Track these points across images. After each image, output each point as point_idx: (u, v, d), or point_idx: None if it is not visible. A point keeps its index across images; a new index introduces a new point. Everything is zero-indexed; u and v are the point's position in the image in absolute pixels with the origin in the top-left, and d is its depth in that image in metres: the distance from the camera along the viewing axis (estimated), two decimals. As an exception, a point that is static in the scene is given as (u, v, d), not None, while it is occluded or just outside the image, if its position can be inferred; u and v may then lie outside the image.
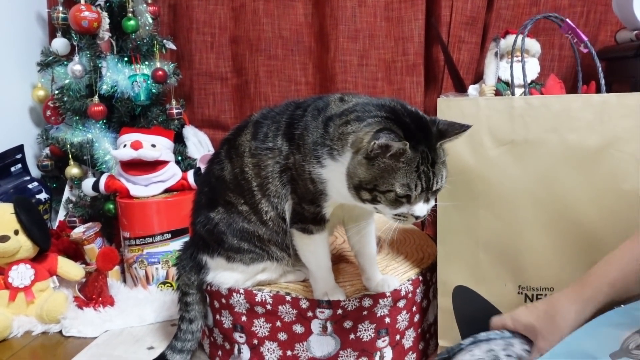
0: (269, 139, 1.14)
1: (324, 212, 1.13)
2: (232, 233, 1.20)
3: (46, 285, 1.63)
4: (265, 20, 2.12)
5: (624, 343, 0.88)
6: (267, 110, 1.21)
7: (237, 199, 1.19)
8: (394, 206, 0.98)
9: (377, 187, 0.96)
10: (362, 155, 0.96)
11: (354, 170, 0.98)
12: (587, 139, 1.12)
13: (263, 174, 1.15)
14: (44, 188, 1.96)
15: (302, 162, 1.08)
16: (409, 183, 0.95)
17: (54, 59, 1.99)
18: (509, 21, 2.02)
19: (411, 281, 1.28)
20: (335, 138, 1.02)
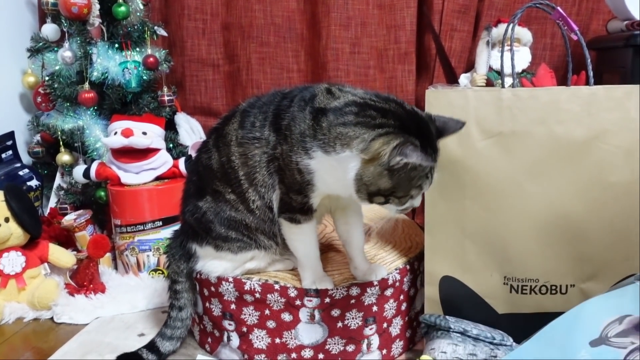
0: (255, 129, 1.15)
1: (311, 202, 1.14)
2: (220, 222, 1.21)
3: (37, 272, 1.64)
4: (257, 7, 2.10)
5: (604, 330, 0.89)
6: (255, 99, 1.22)
7: (224, 187, 1.20)
8: (403, 203, 1.04)
9: (394, 194, 1.01)
10: (383, 167, 0.97)
11: (372, 179, 0.99)
12: (574, 131, 1.13)
13: (250, 163, 1.15)
14: (34, 175, 1.96)
15: (290, 153, 1.08)
16: (421, 184, 1.02)
17: (44, 45, 1.98)
18: (501, 9, 2.01)
19: (399, 270, 1.29)
20: (331, 137, 1.02)
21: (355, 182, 1.01)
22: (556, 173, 1.15)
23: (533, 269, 1.19)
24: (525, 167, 1.16)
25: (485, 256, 1.21)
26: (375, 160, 0.98)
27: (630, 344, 0.85)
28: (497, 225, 1.19)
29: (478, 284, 1.22)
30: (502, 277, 1.20)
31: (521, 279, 1.19)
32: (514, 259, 1.19)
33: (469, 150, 1.18)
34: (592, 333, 0.90)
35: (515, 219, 1.18)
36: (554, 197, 1.16)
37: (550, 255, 1.18)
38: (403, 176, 0.99)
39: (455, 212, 1.21)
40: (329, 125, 1.03)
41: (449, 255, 1.23)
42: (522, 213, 1.17)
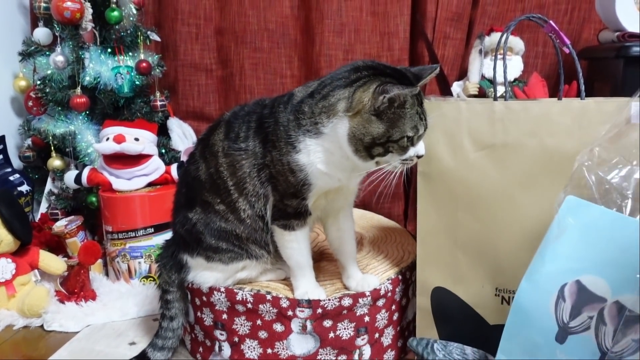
0: (240, 139, 1.16)
1: (307, 203, 1.15)
2: (210, 233, 1.21)
3: (27, 279, 1.63)
4: (251, 12, 2.10)
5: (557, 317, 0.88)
6: (238, 109, 1.24)
7: (213, 198, 1.20)
8: (404, 151, 1.05)
9: (390, 138, 1.02)
10: (369, 114, 1.01)
11: (363, 130, 1.02)
12: (566, 144, 1.13)
13: (239, 174, 1.16)
14: (25, 180, 1.95)
15: (279, 157, 1.10)
16: (416, 125, 1.04)
17: (36, 48, 1.97)
18: (494, 17, 2.02)
19: (391, 280, 1.29)
20: (316, 114, 1.07)
21: (350, 143, 1.04)
22: (548, 185, 1.15)
23: (524, 280, 1.19)
24: (517, 179, 1.16)
25: (476, 267, 1.21)
26: (361, 111, 1.02)
27: (588, 319, 0.83)
28: (488, 236, 1.19)
29: (469, 295, 1.22)
30: (494, 288, 1.20)
31: (513, 290, 1.19)
32: (505, 270, 1.19)
33: (462, 162, 1.18)
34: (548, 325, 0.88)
35: (507, 230, 1.18)
36: (545, 208, 1.16)
37: (542, 266, 1.18)
38: (392, 116, 1.01)
39: (447, 222, 1.22)
40: (311, 107, 1.08)
41: (440, 265, 1.24)
42: (513, 224, 1.18)
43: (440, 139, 1.19)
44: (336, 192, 1.19)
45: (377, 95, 1.00)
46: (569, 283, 0.87)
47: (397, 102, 1.01)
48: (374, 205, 2.07)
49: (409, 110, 1.02)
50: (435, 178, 1.21)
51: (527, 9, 2.01)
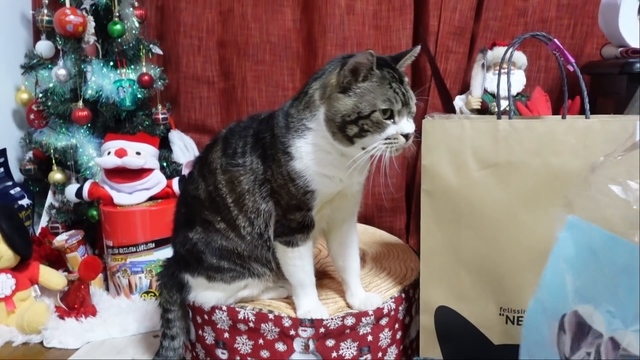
0: (238, 155, 1.16)
1: (312, 213, 1.14)
2: (211, 252, 1.20)
3: (27, 295, 1.62)
4: (254, 25, 2.10)
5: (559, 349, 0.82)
6: (234, 125, 1.25)
7: (213, 216, 1.19)
8: (382, 129, 1.03)
9: (360, 114, 1.01)
10: (336, 92, 1.03)
11: (334, 110, 1.03)
12: (571, 163, 1.12)
13: (238, 190, 1.16)
14: (26, 193, 1.94)
15: (279, 169, 1.10)
16: (388, 97, 1.02)
17: (38, 62, 1.97)
18: (497, 32, 2.02)
19: (394, 299, 1.28)
20: (301, 111, 1.09)
21: (327, 128, 1.05)
22: (552, 204, 1.13)
23: (529, 300, 1.18)
24: (521, 198, 1.15)
25: (480, 286, 1.20)
26: (332, 93, 1.04)
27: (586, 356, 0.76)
28: (492, 255, 1.18)
29: (474, 314, 1.21)
30: (498, 307, 1.19)
31: (517, 310, 1.18)
32: (509, 289, 1.18)
33: (465, 180, 1.17)
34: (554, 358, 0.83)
35: (510, 249, 1.17)
36: (549, 227, 1.14)
37: (546, 286, 1.17)
38: (359, 90, 1.02)
39: (450, 240, 1.21)
40: (297, 107, 1.10)
41: (444, 284, 1.22)
42: (517, 243, 1.17)
43: (444, 156, 1.18)
44: (340, 198, 1.18)
45: (340, 71, 1.02)
46: (568, 313, 0.82)
47: (361, 75, 1.01)
48: (375, 219, 2.07)
49: (377, 84, 1.02)
50: (439, 196, 1.20)
51: (530, 24, 2.01)
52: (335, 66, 1.07)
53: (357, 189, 1.20)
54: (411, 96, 1.07)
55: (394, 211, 2.08)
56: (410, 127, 1.06)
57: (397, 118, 1.04)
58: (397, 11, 2.00)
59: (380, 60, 1.05)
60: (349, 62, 1.01)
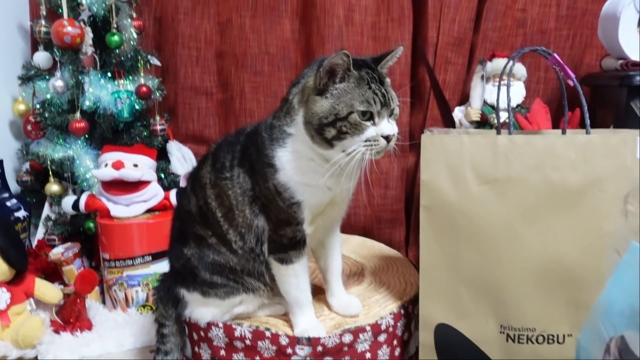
0: (226, 169, 1.16)
1: (303, 228, 1.13)
2: (204, 267, 1.19)
3: (22, 308, 1.60)
4: (252, 36, 2.09)
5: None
6: (223, 140, 1.25)
7: (205, 231, 1.19)
8: (361, 131, 1.01)
9: (338, 116, 1.00)
10: (314, 94, 1.02)
11: (311, 112, 1.02)
12: (570, 178, 1.12)
13: (227, 204, 1.15)
14: (22, 205, 1.92)
15: (265, 183, 1.10)
16: (367, 99, 1.00)
17: (36, 73, 1.96)
18: (496, 42, 2.01)
19: (393, 315, 1.27)
20: (281, 118, 1.09)
21: (306, 131, 1.04)
22: (551, 219, 1.14)
23: (529, 317, 1.16)
24: (521, 213, 1.14)
25: (480, 302, 1.18)
26: (309, 96, 1.03)
27: None
28: (492, 271, 1.17)
29: (474, 331, 1.19)
30: (498, 325, 1.17)
31: (517, 327, 1.16)
32: (509, 306, 1.17)
33: (465, 195, 1.16)
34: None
35: (510, 265, 1.16)
36: (549, 243, 1.14)
37: (547, 302, 1.15)
38: (335, 92, 1.01)
39: (450, 256, 1.19)
40: (278, 116, 1.10)
41: (443, 300, 1.21)
42: (517, 259, 1.15)
43: (443, 172, 1.17)
44: (332, 207, 1.17)
45: (317, 73, 1.01)
46: (615, 338, 0.81)
47: (337, 76, 1.01)
48: (374, 230, 2.06)
49: (355, 86, 1.01)
50: (438, 211, 1.19)
51: (529, 34, 2.00)
52: (312, 69, 1.07)
53: (346, 195, 1.19)
54: (392, 97, 1.06)
55: (393, 223, 2.06)
56: (390, 128, 1.04)
57: (377, 119, 1.03)
58: (395, 22, 2.00)
59: (359, 61, 1.04)
60: (324, 63, 1.00)
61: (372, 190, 2.03)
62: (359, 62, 1.04)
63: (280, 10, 2.07)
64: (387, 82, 1.08)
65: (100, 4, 1.91)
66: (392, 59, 1.11)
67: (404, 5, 1.97)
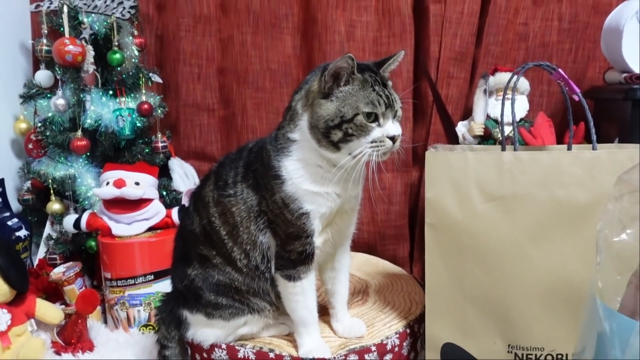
0: (229, 186, 1.15)
1: (312, 240, 1.11)
2: (209, 288, 1.17)
3: (23, 330, 1.58)
4: (253, 53, 2.09)
5: None
6: (224, 158, 1.25)
7: (209, 251, 1.18)
8: (367, 132, 1.02)
9: (344, 118, 1.01)
10: (319, 98, 1.03)
11: (316, 116, 1.03)
12: (577, 195, 1.10)
13: (231, 222, 1.14)
14: (24, 224, 1.91)
15: (272, 197, 1.09)
16: (371, 100, 1.01)
17: (37, 91, 1.95)
18: (498, 57, 2.01)
19: (398, 334, 1.25)
20: (285, 127, 1.10)
21: (312, 135, 1.05)
22: (559, 237, 1.12)
23: (538, 336, 1.14)
24: (528, 231, 1.12)
25: (487, 321, 1.16)
26: (314, 100, 1.04)
27: None
28: (498, 290, 1.15)
29: (481, 351, 1.17)
30: (506, 344, 1.15)
31: (525, 347, 1.14)
32: (517, 326, 1.15)
33: (470, 213, 1.15)
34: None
35: (517, 284, 1.14)
36: (557, 261, 1.12)
37: (555, 321, 1.13)
38: (340, 94, 1.02)
39: (455, 275, 1.18)
40: (282, 125, 1.12)
41: (450, 320, 1.19)
42: (524, 278, 1.14)
43: (447, 189, 1.16)
44: (340, 218, 1.16)
45: (322, 77, 1.03)
46: None
47: (342, 79, 1.02)
48: (378, 247, 2.04)
49: (359, 88, 1.02)
50: (443, 229, 1.18)
51: (531, 48, 2.00)
52: (316, 74, 1.08)
53: (354, 203, 1.18)
54: (395, 99, 1.08)
55: (397, 239, 2.04)
56: (395, 129, 1.05)
57: (382, 120, 1.04)
58: (397, 37, 1.99)
59: (362, 65, 1.06)
60: (329, 67, 1.01)
61: (375, 206, 2.02)
62: (362, 66, 1.06)
63: (281, 26, 2.07)
64: (389, 84, 1.10)
65: (102, 22, 1.91)
66: (393, 62, 1.12)
67: (405, 20, 1.97)
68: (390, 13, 1.99)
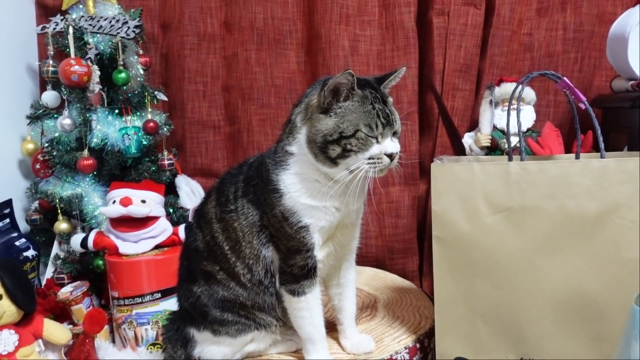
0: (230, 202, 1.15)
1: (313, 254, 1.10)
2: (215, 305, 1.17)
3: (31, 350, 1.57)
4: (258, 69, 2.10)
5: None
6: (226, 174, 1.25)
7: (212, 267, 1.17)
8: (365, 147, 1.01)
9: (343, 134, 1.00)
10: (318, 112, 1.02)
11: (315, 130, 1.02)
12: (587, 206, 1.09)
13: (234, 237, 1.14)
14: (31, 244, 1.91)
15: (272, 211, 1.09)
16: (369, 122, 1.01)
17: (44, 112, 1.97)
18: (503, 67, 2.00)
19: (408, 349, 1.23)
20: (284, 140, 1.10)
21: (309, 149, 1.04)
22: (570, 249, 1.10)
23: (550, 350, 1.12)
24: (537, 243, 1.11)
25: (498, 337, 1.14)
26: (313, 114, 1.03)
27: None
28: (509, 304, 1.13)
29: (493, 366, 1.15)
30: (519, 359, 1.13)
31: (538, 361, 1.12)
32: (529, 340, 1.13)
33: (478, 226, 1.14)
34: None
35: (528, 297, 1.12)
36: (568, 274, 1.10)
37: (568, 335, 1.11)
38: (339, 110, 1.01)
39: (465, 290, 1.16)
40: (281, 139, 1.12)
41: (460, 335, 1.17)
42: (535, 291, 1.12)
43: (455, 202, 1.15)
44: (341, 232, 1.15)
45: (321, 92, 1.02)
46: None
47: (342, 95, 1.01)
48: (387, 261, 2.02)
49: (358, 105, 1.01)
50: (451, 243, 1.16)
51: (536, 59, 1.99)
52: (315, 88, 1.07)
53: (354, 217, 1.17)
54: (395, 117, 1.07)
55: (406, 253, 2.02)
56: (394, 147, 1.04)
57: (380, 138, 1.03)
58: (401, 50, 1.99)
59: (362, 81, 1.05)
60: (329, 83, 1.01)
61: (383, 220, 2.01)
62: (362, 81, 1.06)
63: (285, 42, 2.08)
64: (389, 101, 1.09)
65: (107, 42, 1.92)
66: (394, 79, 1.11)
67: (409, 34, 1.97)
68: (393, 27, 2.00)
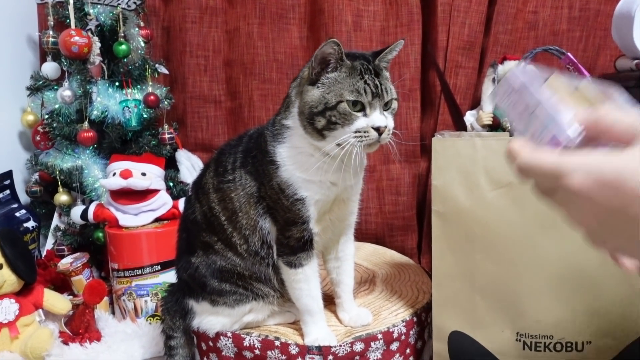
0: (228, 172, 1.15)
1: (309, 227, 1.11)
2: (213, 275, 1.17)
3: (31, 320, 1.58)
4: (260, 44, 2.08)
5: None
6: (225, 145, 1.25)
7: (210, 237, 1.18)
8: (351, 121, 0.99)
9: (327, 105, 1.00)
10: (307, 85, 1.02)
11: (303, 102, 1.03)
12: (587, 181, 1.08)
13: (230, 207, 1.14)
14: (32, 216, 1.91)
15: (269, 182, 1.09)
16: (357, 88, 0.99)
17: (44, 83, 1.95)
18: (507, 45, 1.98)
19: (405, 322, 1.24)
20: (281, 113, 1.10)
21: (300, 120, 1.04)
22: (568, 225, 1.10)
23: (547, 325, 1.13)
24: (537, 219, 1.11)
25: (496, 311, 1.15)
26: (304, 87, 1.04)
27: None
28: (508, 279, 1.14)
29: (489, 340, 1.16)
30: (515, 333, 1.14)
31: (534, 335, 1.13)
32: (526, 314, 1.13)
33: (478, 201, 1.14)
34: None
35: (527, 272, 1.13)
36: (567, 249, 1.11)
37: (565, 310, 1.12)
38: (326, 81, 1.01)
39: (464, 265, 1.16)
40: (279, 112, 1.12)
41: (457, 309, 1.18)
42: (534, 266, 1.12)
43: (455, 177, 1.15)
44: (338, 206, 1.15)
45: (311, 62, 1.02)
46: None
47: (330, 65, 1.00)
48: (386, 238, 2.02)
49: (346, 75, 1.00)
50: (451, 218, 1.16)
51: (540, 37, 1.97)
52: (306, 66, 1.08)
53: (351, 191, 1.17)
54: (387, 89, 1.04)
55: (405, 230, 2.03)
56: (382, 120, 1.01)
57: (368, 110, 1.01)
58: (404, 27, 1.98)
59: (356, 54, 1.05)
60: (316, 52, 1.00)
61: (383, 197, 2.01)
62: (356, 55, 1.05)
63: (288, 17, 2.06)
64: (384, 74, 1.06)
65: (108, 13, 1.91)
66: (391, 52, 1.10)
67: (413, 10, 1.95)
68: (397, 2, 1.97)
